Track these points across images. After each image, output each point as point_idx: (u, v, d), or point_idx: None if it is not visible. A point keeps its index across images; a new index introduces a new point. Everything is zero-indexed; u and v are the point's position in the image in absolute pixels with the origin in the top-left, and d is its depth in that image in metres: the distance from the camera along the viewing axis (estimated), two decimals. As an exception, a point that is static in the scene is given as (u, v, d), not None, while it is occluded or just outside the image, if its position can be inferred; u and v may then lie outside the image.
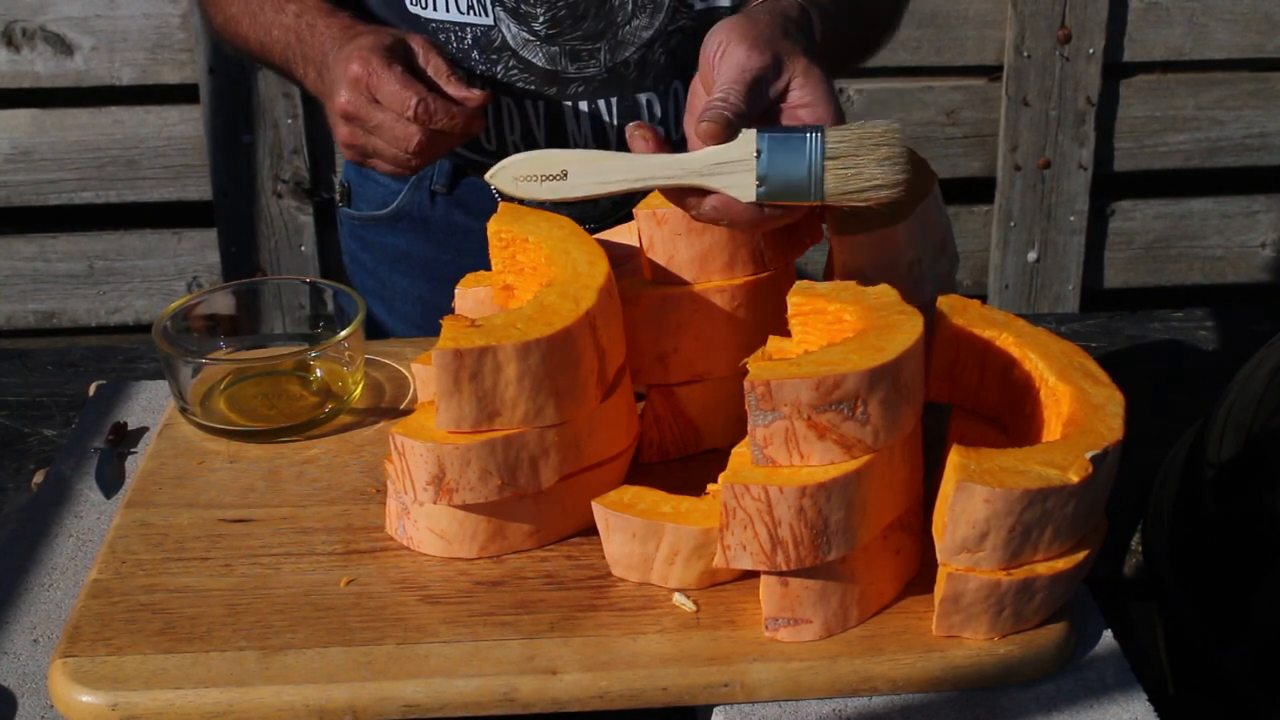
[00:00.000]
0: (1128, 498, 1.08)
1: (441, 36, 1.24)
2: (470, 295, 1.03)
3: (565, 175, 0.92)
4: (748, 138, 0.89)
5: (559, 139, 1.27)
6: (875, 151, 0.88)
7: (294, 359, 1.12)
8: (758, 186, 0.89)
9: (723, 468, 0.86)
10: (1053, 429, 0.90)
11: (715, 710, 0.86)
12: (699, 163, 0.90)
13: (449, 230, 1.38)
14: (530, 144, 1.28)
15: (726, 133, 0.89)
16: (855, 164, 0.88)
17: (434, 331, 0.93)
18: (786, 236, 1.02)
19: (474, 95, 1.10)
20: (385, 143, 1.10)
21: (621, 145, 1.28)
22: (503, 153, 1.29)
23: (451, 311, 0.95)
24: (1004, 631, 0.87)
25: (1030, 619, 0.87)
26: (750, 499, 0.83)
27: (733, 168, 0.89)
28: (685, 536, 0.89)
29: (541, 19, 1.22)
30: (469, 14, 1.23)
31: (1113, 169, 2.79)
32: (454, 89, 1.10)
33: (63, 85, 2.64)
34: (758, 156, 0.88)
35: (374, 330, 1.42)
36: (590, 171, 0.92)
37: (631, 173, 0.91)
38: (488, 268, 1.05)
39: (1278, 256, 2.90)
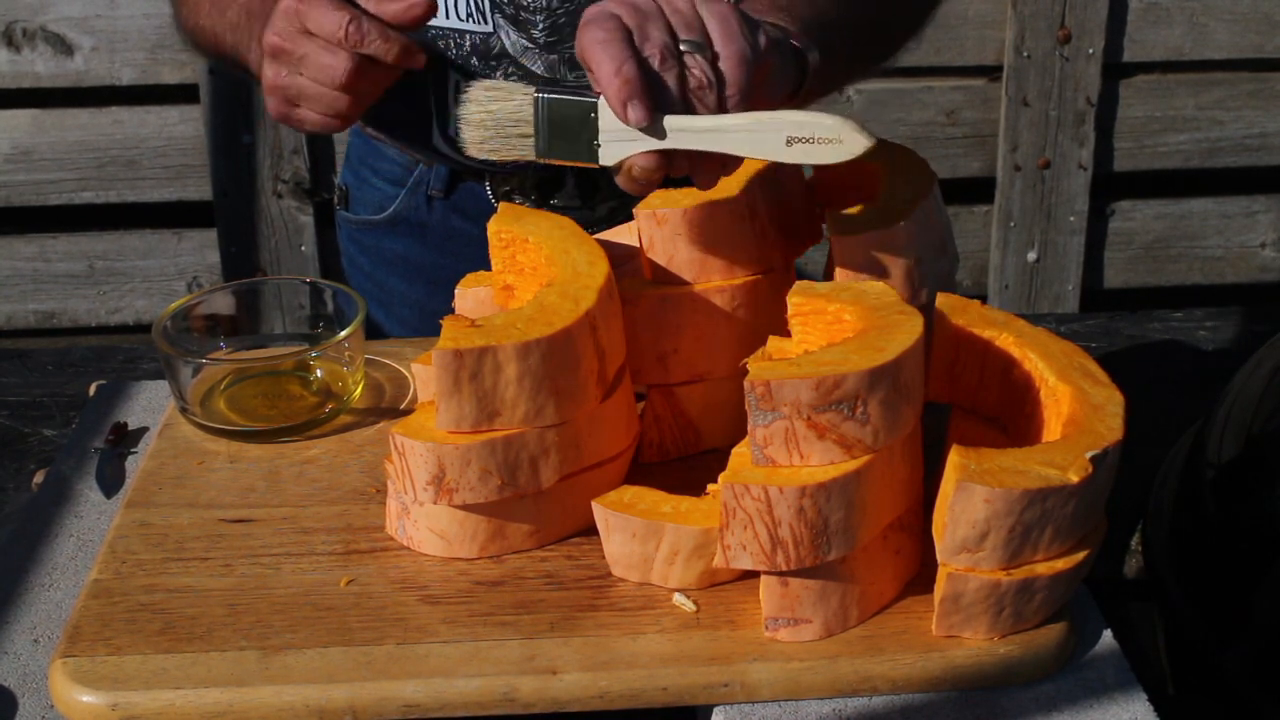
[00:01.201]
0: (1128, 498, 1.07)
1: (440, 44, 1.24)
2: (470, 295, 1.03)
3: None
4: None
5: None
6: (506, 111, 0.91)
7: (294, 359, 1.12)
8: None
9: (723, 468, 0.86)
10: (1053, 429, 0.90)
11: (715, 710, 0.86)
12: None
13: (446, 235, 1.37)
14: None
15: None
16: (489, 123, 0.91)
17: (429, 336, 0.93)
18: (786, 236, 1.02)
19: (407, 5, 1.03)
20: (311, 78, 1.04)
21: None
22: None
23: (448, 315, 0.94)
24: (1004, 631, 0.87)
25: (1030, 619, 0.87)
26: (750, 499, 0.83)
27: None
28: (685, 536, 0.89)
29: (541, 26, 1.21)
30: (468, 21, 1.22)
31: (1113, 169, 2.79)
32: (388, 5, 1.03)
33: (63, 85, 2.64)
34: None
35: (371, 333, 1.42)
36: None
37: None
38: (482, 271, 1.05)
39: (1278, 256, 2.90)
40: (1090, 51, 2.67)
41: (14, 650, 0.91)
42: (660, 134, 0.88)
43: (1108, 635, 0.91)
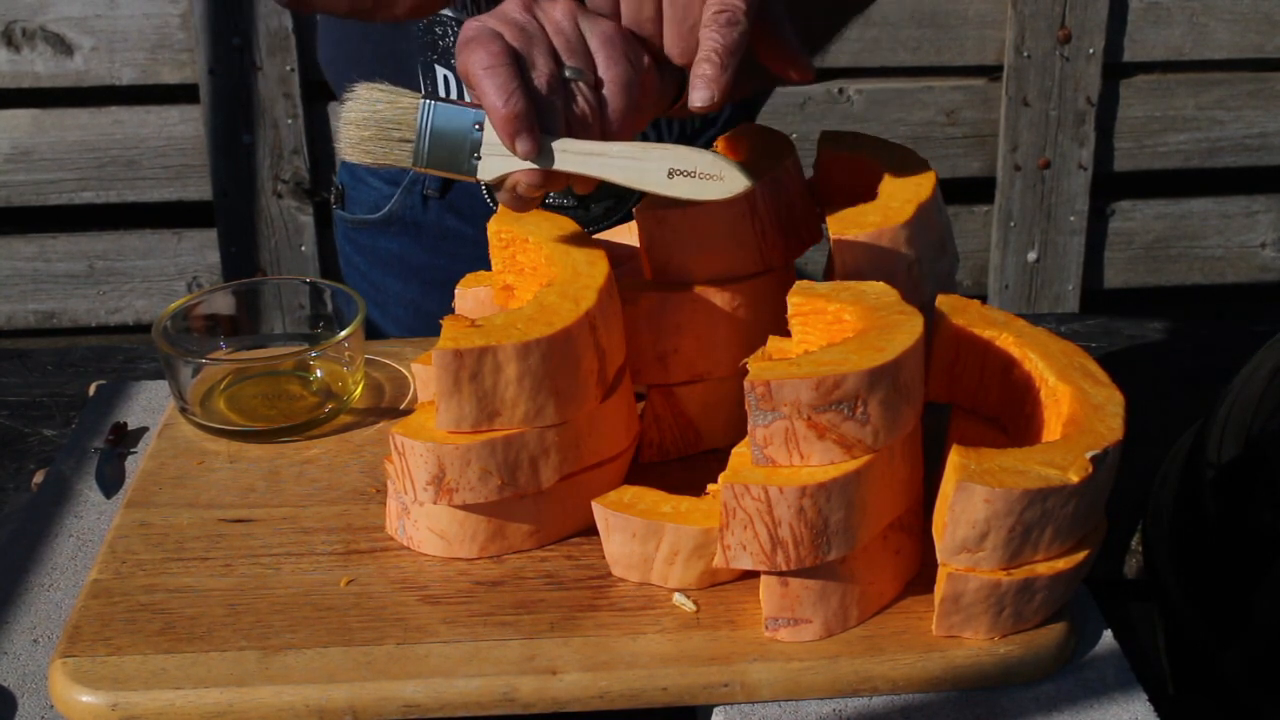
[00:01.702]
0: (1128, 498, 1.07)
1: (438, 30, 1.24)
2: (470, 295, 1.04)
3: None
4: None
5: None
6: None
7: (294, 359, 1.12)
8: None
9: (723, 468, 0.86)
10: (1053, 429, 0.90)
11: (715, 710, 0.86)
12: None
13: (440, 235, 1.38)
14: None
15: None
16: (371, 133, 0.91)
17: (424, 335, 0.92)
18: (786, 236, 1.02)
19: None
20: None
21: None
22: None
23: (441, 315, 0.95)
24: (1004, 631, 0.87)
25: (1030, 619, 0.87)
26: (750, 499, 0.83)
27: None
28: (685, 536, 0.89)
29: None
30: (462, 11, 1.22)
31: (1113, 169, 2.80)
32: None
33: (63, 85, 2.64)
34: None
35: (367, 332, 1.42)
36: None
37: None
38: (479, 271, 1.05)
39: (1278, 256, 2.90)
40: (1090, 51, 2.67)
41: (14, 650, 0.91)
42: (545, 157, 0.88)
43: (1108, 635, 0.91)
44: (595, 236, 1.03)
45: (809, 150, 1.03)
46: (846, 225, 0.97)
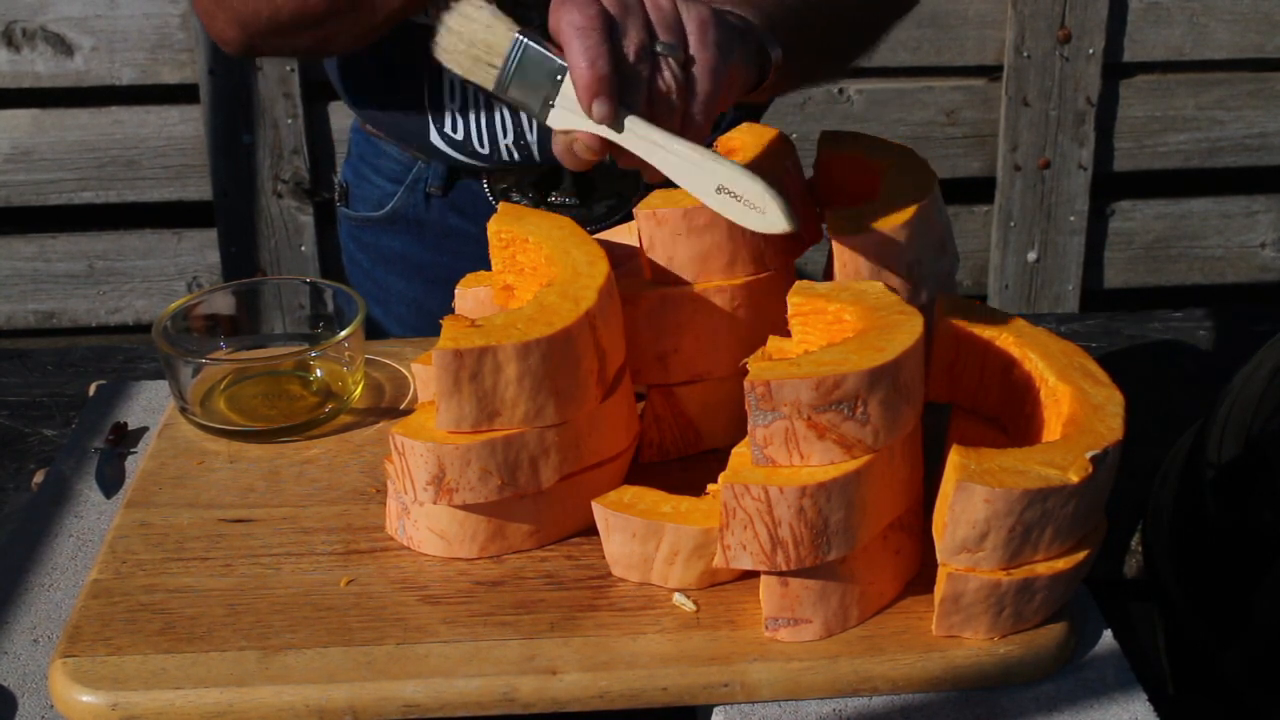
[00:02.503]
0: (1128, 498, 1.07)
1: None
2: (470, 295, 1.04)
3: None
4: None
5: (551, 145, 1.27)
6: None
7: (294, 359, 1.12)
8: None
9: (723, 468, 0.86)
10: (1053, 429, 0.90)
11: (715, 710, 0.86)
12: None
13: (443, 233, 1.37)
14: (522, 148, 1.28)
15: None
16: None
17: (426, 333, 0.92)
18: (787, 237, 1.02)
19: None
20: None
21: None
22: (495, 156, 1.29)
23: (443, 314, 0.95)
24: (1004, 631, 0.87)
25: (1030, 619, 0.87)
26: (750, 499, 0.83)
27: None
28: (685, 536, 0.89)
29: (536, 24, 1.20)
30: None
31: (1113, 169, 2.80)
32: None
33: (63, 85, 2.64)
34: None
35: (370, 331, 1.42)
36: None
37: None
38: (481, 270, 1.05)
39: (1278, 256, 2.90)
40: (1090, 51, 2.67)
41: (14, 650, 0.91)
42: (616, 126, 0.89)
43: (1108, 635, 0.91)
44: (595, 236, 1.03)
45: (809, 150, 1.03)
46: (846, 225, 0.97)
